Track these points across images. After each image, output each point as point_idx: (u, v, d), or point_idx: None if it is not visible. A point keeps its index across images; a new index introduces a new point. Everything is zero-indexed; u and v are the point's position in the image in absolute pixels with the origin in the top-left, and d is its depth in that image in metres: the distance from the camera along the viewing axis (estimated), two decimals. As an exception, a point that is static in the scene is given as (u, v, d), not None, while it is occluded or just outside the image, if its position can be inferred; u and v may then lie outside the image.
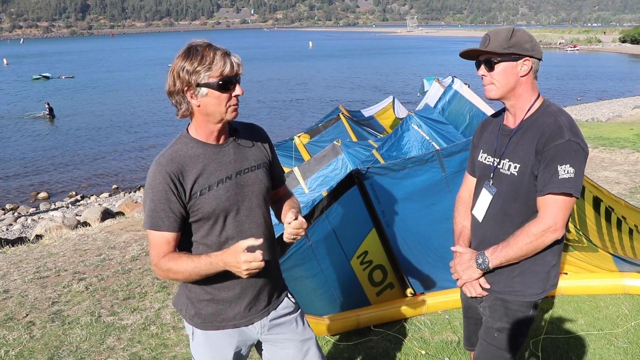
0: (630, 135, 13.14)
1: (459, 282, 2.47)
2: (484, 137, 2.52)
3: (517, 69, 2.23)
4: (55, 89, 42.42)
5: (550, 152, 2.14)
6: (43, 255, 6.65)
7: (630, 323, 4.12)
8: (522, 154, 2.24)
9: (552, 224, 2.16)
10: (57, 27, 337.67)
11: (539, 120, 2.24)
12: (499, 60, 2.22)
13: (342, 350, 3.96)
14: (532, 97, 2.29)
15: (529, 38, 2.23)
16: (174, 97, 2.03)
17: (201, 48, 1.97)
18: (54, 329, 4.49)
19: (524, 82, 2.25)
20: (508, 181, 2.30)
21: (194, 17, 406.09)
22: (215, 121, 2.07)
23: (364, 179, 3.93)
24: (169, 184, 2.02)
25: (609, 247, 4.23)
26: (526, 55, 2.21)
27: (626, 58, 63.16)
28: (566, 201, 2.15)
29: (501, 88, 2.25)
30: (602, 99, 30.97)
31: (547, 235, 2.18)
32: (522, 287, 2.34)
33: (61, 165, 19.96)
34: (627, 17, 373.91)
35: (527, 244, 2.20)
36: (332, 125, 7.36)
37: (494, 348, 2.46)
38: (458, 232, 2.59)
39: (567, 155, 2.12)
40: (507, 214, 2.33)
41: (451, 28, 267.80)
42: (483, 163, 2.46)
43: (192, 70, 1.95)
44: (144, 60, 73.95)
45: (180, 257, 2.06)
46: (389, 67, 54.83)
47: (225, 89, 2.00)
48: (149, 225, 2.07)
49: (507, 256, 2.25)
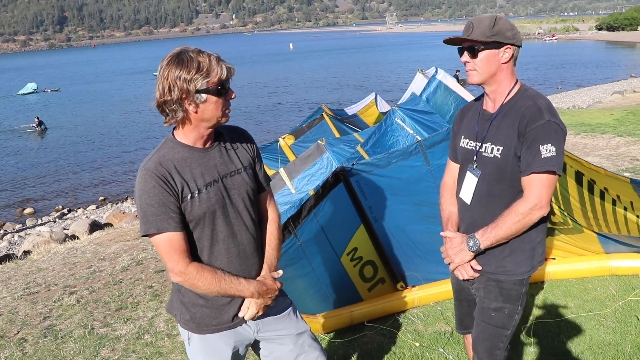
0: (611, 120, 13.31)
1: (451, 266, 2.53)
2: (464, 123, 2.59)
3: (499, 56, 2.31)
4: (41, 103, 42.00)
5: (532, 133, 2.22)
6: (32, 271, 6.60)
7: (618, 303, 4.19)
8: (504, 136, 2.32)
9: (538, 201, 2.24)
10: (34, 41, 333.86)
11: (518, 103, 2.33)
12: (482, 48, 2.30)
13: (337, 347, 3.98)
14: (511, 83, 2.38)
15: (510, 26, 2.31)
16: (169, 105, 2.01)
17: (194, 54, 1.99)
18: (47, 344, 4.46)
19: (505, 69, 2.34)
20: (492, 164, 2.37)
21: (173, 24, 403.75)
22: (209, 125, 2.10)
23: (350, 176, 3.95)
24: (162, 186, 2.01)
25: (593, 226, 4.29)
26: (508, 43, 2.30)
27: (603, 45, 63.87)
28: (549, 179, 2.24)
29: (483, 74, 2.34)
30: (581, 87, 31.28)
31: (534, 212, 2.26)
32: (513, 266, 2.42)
33: (46, 179, 19.75)
34: (602, 4, 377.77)
35: (515, 223, 2.28)
36: (316, 125, 7.37)
37: (492, 327, 2.52)
38: (446, 218, 2.65)
39: (548, 135, 2.21)
40: (492, 195, 2.41)
41: (431, 23, 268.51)
42: (465, 148, 2.52)
43: (190, 78, 1.96)
44: (129, 69, 73.32)
45: (216, 272, 2.11)
46: (370, 65, 54.85)
47: (222, 94, 2.04)
48: (155, 229, 2.02)
49: (497, 236, 2.33)
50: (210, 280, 2.08)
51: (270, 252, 2.35)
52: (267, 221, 2.40)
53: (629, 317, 4.00)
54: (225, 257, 2.17)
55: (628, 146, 10.03)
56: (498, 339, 2.53)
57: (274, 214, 2.43)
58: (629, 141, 10.50)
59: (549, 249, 4.65)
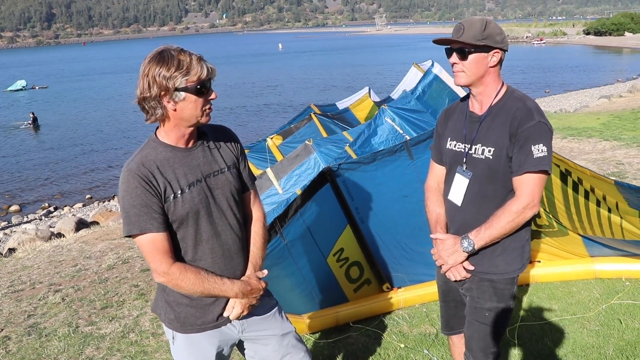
0: (597, 124, 13.45)
1: (444, 268, 2.54)
2: (449, 125, 2.60)
3: (487, 59, 2.35)
4: (31, 100, 41.60)
5: (523, 134, 2.27)
6: (17, 269, 6.54)
7: (602, 306, 4.23)
8: (495, 137, 2.36)
9: (530, 200, 2.29)
10: (22, 37, 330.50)
11: (507, 105, 2.37)
12: (472, 51, 2.33)
13: (322, 347, 3.99)
14: (498, 85, 2.42)
15: (499, 31, 2.34)
16: (148, 102, 2.01)
17: (176, 53, 1.99)
18: (31, 342, 4.42)
19: (492, 72, 2.38)
20: (483, 165, 2.40)
21: (162, 22, 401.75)
22: (188, 125, 2.09)
23: (336, 177, 3.96)
24: (144, 187, 2.01)
25: (578, 228, 4.33)
26: (497, 48, 2.34)
27: (591, 50, 64.49)
28: (541, 178, 2.30)
29: (471, 76, 2.37)
30: (569, 91, 31.57)
31: (526, 211, 2.31)
32: (505, 265, 2.46)
33: (32, 176, 19.59)
34: (590, 9, 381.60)
35: (509, 222, 2.33)
36: (304, 126, 7.37)
37: (486, 326, 2.54)
38: (434, 220, 2.65)
39: (539, 135, 2.26)
40: (485, 196, 2.43)
41: (420, 25, 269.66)
42: (453, 150, 2.53)
43: (170, 75, 1.96)
44: (120, 68, 72.80)
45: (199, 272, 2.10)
46: (358, 67, 54.98)
47: (202, 93, 2.04)
48: (138, 230, 2.02)
49: (491, 236, 2.36)
50: (194, 281, 2.08)
51: (255, 251, 2.34)
52: (252, 220, 2.40)
53: (612, 320, 4.04)
54: (210, 257, 2.17)
55: (614, 150, 10.14)
56: (492, 337, 2.55)
57: (259, 213, 2.43)
58: (614, 145, 10.61)
59: (535, 252, 4.69)
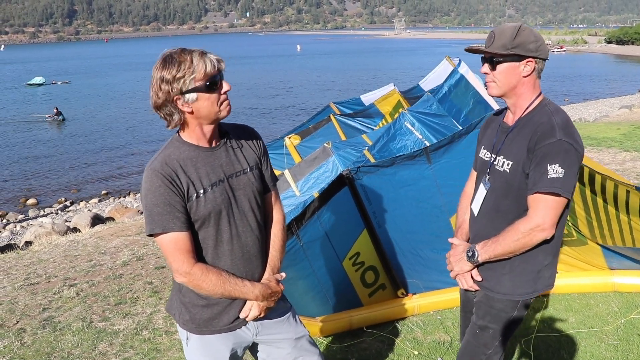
0: (617, 135, 13.26)
1: (451, 274, 2.51)
2: (486, 133, 2.56)
3: (519, 69, 2.24)
4: (53, 95, 42.12)
5: (541, 151, 2.14)
6: (33, 262, 6.60)
7: (620, 320, 4.16)
8: (516, 151, 2.26)
9: (541, 222, 2.16)
10: (43, 33, 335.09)
11: (534, 118, 2.25)
12: (502, 61, 2.23)
13: (335, 351, 3.96)
14: (532, 96, 2.29)
15: (534, 38, 2.21)
16: (163, 109, 2.01)
17: (176, 55, 1.96)
18: (45, 336, 4.45)
19: (526, 82, 2.26)
20: (501, 178, 2.32)
21: (181, 21, 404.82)
22: (209, 122, 2.07)
23: (355, 180, 3.94)
24: (168, 186, 1.99)
25: (597, 237, 4.25)
26: (529, 56, 2.21)
27: (612, 59, 63.84)
28: (555, 201, 2.15)
29: (502, 87, 2.28)
30: (589, 100, 31.27)
31: (535, 234, 2.18)
32: (510, 285, 2.34)
33: (49, 171, 19.83)
34: (612, 18, 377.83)
35: (514, 241, 2.21)
36: (323, 127, 7.34)
37: (473, 344, 2.49)
38: (458, 225, 2.63)
39: (557, 154, 2.12)
40: (498, 210, 2.35)
41: (439, 30, 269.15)
42: (482, 159, 2.50)
43: (173, 79, 1.94)
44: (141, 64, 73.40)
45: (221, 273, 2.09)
46: (376, 70, 54.91)
47: (213, 89, 2.01)
48: (160, 229, 2.00)
49: (495, 251, 2.27)
50: (215, 282, 2.07)
51: (274, 254, 2.33)
52: (272, 222, 2.38)
53: (631, 335, 3.97)
54: (229, 259, 2.15)
55: (634, 161, 9.99)
56: (477, 357, 2.49)
57: (279, 215, 2.40)
58: (635, 156, 10.46)
59: (552, 262, 4.62)
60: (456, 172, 4.00)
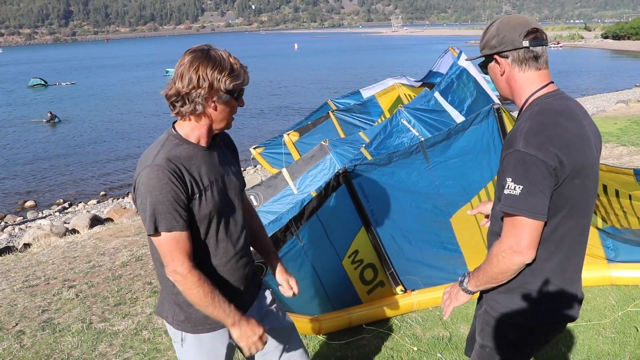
0: (614, 129, 13.28)
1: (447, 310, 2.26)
2: None
3: (496, 69, 2.04)
4: (55, 97, 42.03)
5: (503, 163, 1.91)
6: (32, 264, 6.60)
7: (617, 313, 4.18)
8: None
9: (513, 244, 1.87)
10: (40, 34, 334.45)
11: (517, 123, 1.97)
12: (484, 64, 2.09)
13: (334, 349, 3.98)
14: (525, 94, 2.00)
15: (495, 32, 1.98)
16: (190, 96, 1.97)
17: (226, 55, 2.01)
18: (45, 337, 4.46)
19: (510, 81, 2.01)
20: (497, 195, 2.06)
21: (178, 21, 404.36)
22: (216, 127, 2.11)
23: (352, 178, 3.95)
24: (175, 183, 1.96)
25: (595, 218, 4.22)
26: (493, 54, 2.01)
27: (608, 54, 63.81)
28: (518, 221, 1.85)
29: (499, 90, 2.09)
30: (585, 95, 31.25)
31: (510, 256, 1.88)
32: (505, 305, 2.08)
33: (48, 173, 19.77)
34: (609, 13, 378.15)
35: (492, 267, 1.95)
36: (321, 123, 7.34)
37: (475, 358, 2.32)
38: None
39: (514, 168, 1.84)
40: (493, 233, 2.12)
41: (436, 27, 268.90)
42: None
43: (221, 77, 1.96)
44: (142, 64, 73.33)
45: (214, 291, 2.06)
46: (373, 68, 54.82)
47: (239, 100, 2.09)
48: (165, 227, 1.96)
49: (479, 278, 2.04)
50: (203, 296, 2.04)
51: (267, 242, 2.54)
52: (251, 216, 2.51)
53: (629, 328, 3.99)
54: (224, 258, 2.18)
55: (631, 156, 10.01)
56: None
57: (251, 208, 2.58)
58: (632, 151, 10.48)
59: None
60: (455, 171, 4.02)
